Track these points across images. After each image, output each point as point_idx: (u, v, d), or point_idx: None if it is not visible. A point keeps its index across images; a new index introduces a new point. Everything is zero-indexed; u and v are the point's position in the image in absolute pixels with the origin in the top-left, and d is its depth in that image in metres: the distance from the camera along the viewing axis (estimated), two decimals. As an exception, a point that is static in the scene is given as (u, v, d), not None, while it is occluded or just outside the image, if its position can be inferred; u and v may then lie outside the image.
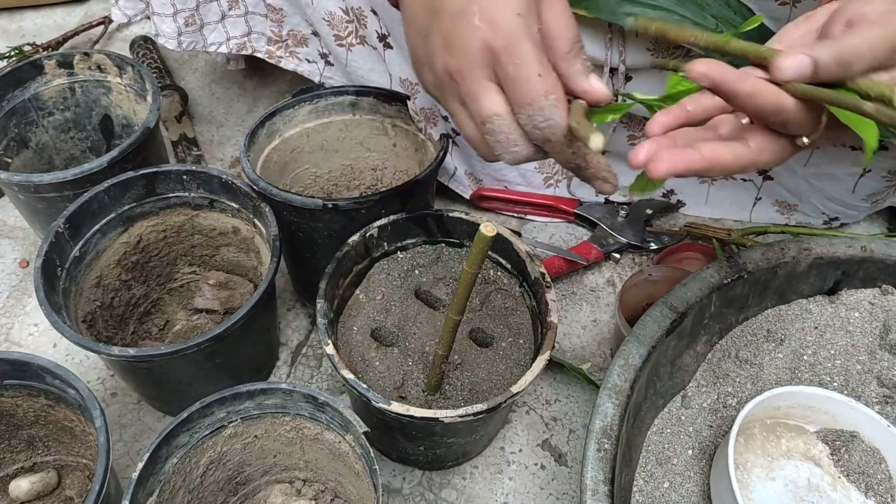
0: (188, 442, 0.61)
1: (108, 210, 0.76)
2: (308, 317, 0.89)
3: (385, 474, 0.76)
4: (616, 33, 0.78)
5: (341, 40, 0.89)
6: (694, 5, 0.72)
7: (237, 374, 0.74)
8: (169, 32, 0.93)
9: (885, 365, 0.67)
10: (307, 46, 0.95)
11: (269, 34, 0.94)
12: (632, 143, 0.92)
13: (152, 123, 0.82)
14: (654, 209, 0.97)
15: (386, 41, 0.84)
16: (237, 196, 0.78)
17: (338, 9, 0.86)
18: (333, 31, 0.88)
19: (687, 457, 0.64)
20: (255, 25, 0.94)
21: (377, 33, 0.84)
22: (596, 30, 0.78)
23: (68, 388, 0.62)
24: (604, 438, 0.57)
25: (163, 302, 0.86)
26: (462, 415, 0.59)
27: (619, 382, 0.59)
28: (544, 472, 0.76)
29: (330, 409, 0.61)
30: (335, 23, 0.88)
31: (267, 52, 0.97)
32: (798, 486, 0.63)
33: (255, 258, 0.82)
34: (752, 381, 0.68)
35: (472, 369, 0.70)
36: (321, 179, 0.91)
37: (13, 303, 0.90)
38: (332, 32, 0.89)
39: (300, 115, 0.84)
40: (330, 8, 0.86)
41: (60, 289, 0.71)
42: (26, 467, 0.73)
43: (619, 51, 0.79)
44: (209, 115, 1.14)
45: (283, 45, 0.96)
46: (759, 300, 0.69)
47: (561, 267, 0.90)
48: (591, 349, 0.86)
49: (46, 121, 0.94)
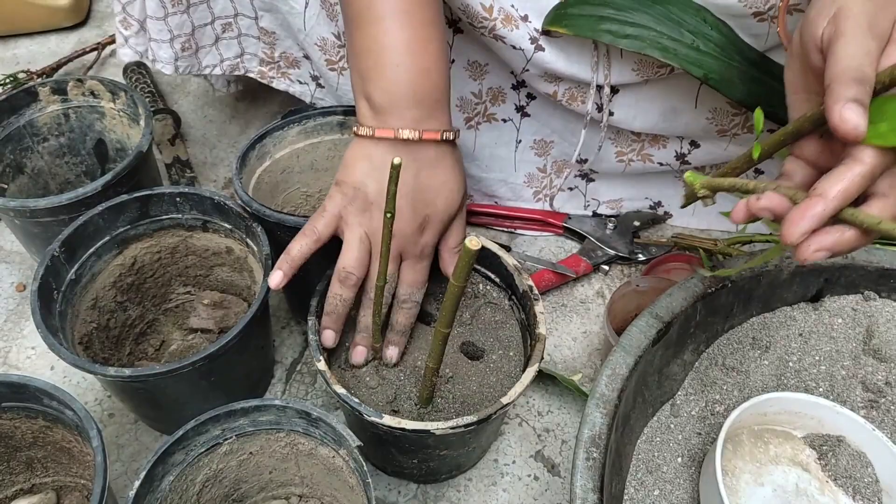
0: (184, 460, 0.62)
1: (103, 233, 0.77)
2: (302, 334, 0.90)
3: (380, 488, 0.77)
4: (601, 54, 0.80)
5: (333, 65, 0.91)
6: (671, 22, 0.74)
7: (233, 393, 0.75)
8: (166, 58, 0.95)
9: (870, 370, 0.68)
10: (299, 68, 0.96)
11: (261, 55, 0.96)
12: (620, 161, 0.93)
13: (145, 147, 0.83)
14: (641, 221, 0.98)
15: None
16: (230, 217, 0.79)
17: (331, 34, 0.88)
18: (326, 55, 0.90)
19: (677, 464, 0.65)
20: (247, 47, 0.96)
21: None
22: (581, 50, 0.80)
23: (65, 409, 0.62)
24: (592, 448, 0.58)
25: (158, 322, 0.87)
26: (453, 426, 0.60)
27: (606, 392, 0.60)
28: (538, 482, 0.77)
29: (323, 425, 0.62)
30: (327, 48, 0.89)
31: (259, 72, 0.99)
32: (786, 491, 0.64)
33: (249, 277, 0.84)
34: (739, 389, 0.69)
35: (464, 382, 0.71)
36: (312, 199, 0.92)
37: (10, 326, 0.91)
38: (324, 57, 0.91)
39: (290, 136, 0.85)
40: (323, 34, 0.88)
41: (57, 311, 0.72)
42: (25, 489, 0.73)
43: (605, 73, 0.81)
44: (202, 137, 1.15)
45: (276, 67, 0.97)
46: (744, 308, 0.70)
47: (551, 280, 0.92)
48: (582, 360, 0.87)
49: (41, 146, 0.95)
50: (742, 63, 0.76)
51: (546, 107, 0.90)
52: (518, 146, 0.95)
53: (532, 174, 0.98)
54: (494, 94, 0.90)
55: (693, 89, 0.84)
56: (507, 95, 0.90)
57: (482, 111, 0.92)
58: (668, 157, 0.93)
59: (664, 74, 0.81)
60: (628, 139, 0.92)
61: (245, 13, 0.92)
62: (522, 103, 0.91)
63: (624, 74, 0.82)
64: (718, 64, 0.75)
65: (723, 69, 0.75)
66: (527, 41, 0.78)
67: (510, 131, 0.94)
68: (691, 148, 0.91)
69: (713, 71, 0.75)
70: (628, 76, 0.82)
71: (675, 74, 0.81)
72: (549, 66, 0.80)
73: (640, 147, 0.92)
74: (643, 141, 0.92)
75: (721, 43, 0.75)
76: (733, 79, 0.76)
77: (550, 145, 0.95)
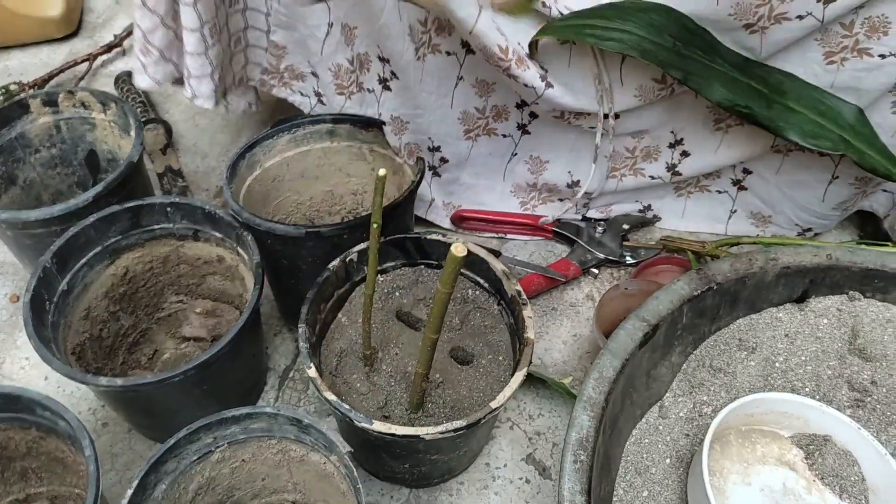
0: (176, 468, 0.62)
1: (95, 243, 0.78)
2: (294, 341, 0.91)
3: (373, 493, 0.77)
4: (605, 89, 0.83)
5: (342, 89, 0.92)
6: (653, 28, 0.75)
7: (226, 400, 0.75)
8: (207, 92, 0.89)
9: (855, 369, 0.69)
10: (303, 81, 0.96)
11: (265, 65, 0.95)
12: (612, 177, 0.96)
13: (136, 158, 0.84)
14: (630, 224, 0.99)
15: (386, 84, 0.87)
16: (220, 226, 0.79)
17: (345, 60, 0.89)
18: (337, 80, 0.91)
19: (665, 465, 0.66)
20: (252, 57, 0.95)
21: (378, 76, 0.87)
22: (586, 84, 0.83)
23: (59, 420, 0.63)
24: (580, 450, 0.58)
25: (151, 331, 0.88)
26: (443, 431, 0.61)
27: (593, 395, 0.61)
28: (529, 485, 0.78)
29: (314, 431, 0.62)
30: (341, 74, 0.90)
31: (260, 80, 0.97)
32: (774, 491, 0.65)
33: (241, 286, 0.84)
34: (726, 390, 0.69)
35: (454, 387, 0.71)
36: (303, 206, 0.93)
37: (4, 337, 0.91)
38: (334, 82, 0.91)
39: (279, 144, 0.86)
40: (338, 60, 0.89)
41: (49, 322, 0.73)
42: (20, 499, 0.73)
43: (609, 105, 0.83)
44: (194, 146, 1.16)
45: (278, 77, 0.96)
46: (731, 310, 0.71)
47: (541, 284, 0.92)
48: (573, 363, 0.88)
49: (33, 158, 0.95)
50: (722, 65, 0.77)
51: (547, 126, 0.92)
52: (512, 158, 0.97)
53: (520, 185, 1.00)
54: (498, 111, 0.91)
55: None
56: (510, 114, 0.92)
57: (483, 125, 0.93)
58: (659, 170, 0.94)
59: (665, 96, 0.83)
60: (622, 156, 0.93)
61: (256, 26, 0.91)
62: (524, 121, 0.93)
63: (626, 101, 0.84)
64: (699, 66, 0.76)
65: (703, 71, 0.76)
66: (538, 80, 0.81)
67: (508, 145, 0.95)
68: (682, 158, 0.92)
69: (693, 72, 0.76)
70: (631, 102, 0.84)
71: (676, 95, 0.83)
72: (557, 101, 0.83)
73: (633, 162, 0.94)
74: (636, 157, 0.93)
75: (702, 47, 0.76)
76: (713, 80, 0.77)
77: (545, 165, 0.96)
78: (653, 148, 0.93)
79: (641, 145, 0.92)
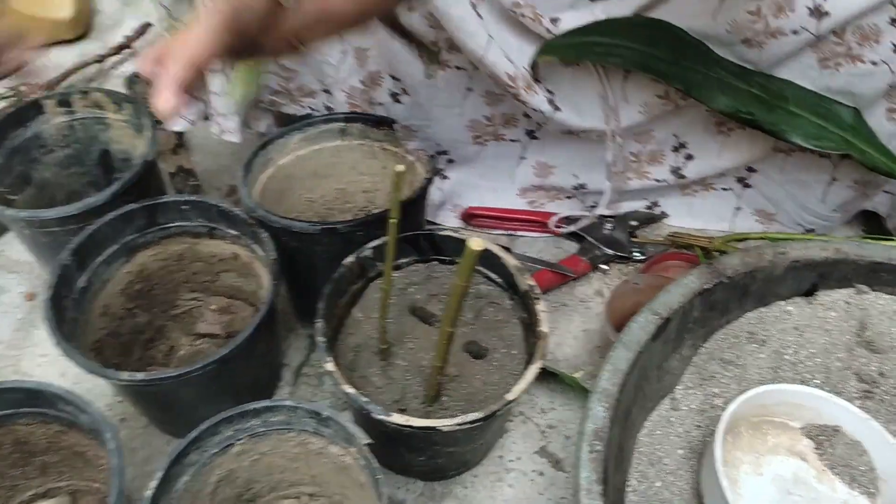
0: (198, 460, 0.63)
1: (112, 241, 0.79)
2: (308, 337, 0.92)
3: (388, 486, 0.78)
4: (611, 108, 0.85)
5: (355, 107, 0.93)
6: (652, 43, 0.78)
7: (241, 395, 0.76)
8: (233, 127, 0.92)
9: (863, 361, 0.70)
10: (314, 98, 0.96)
11: (275, 87, 0.95)
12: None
13: (151, 157, 0.85)
14: (639, 221, 1.00)
15: (397, 98, 0.89)
16: (235, 223, 0.80)
17: (358, 82, 0.90)
18: (351, 100, 0.92)
19: (677, 456, 0.67)
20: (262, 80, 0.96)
21: (389, 91, 0.89)
22: (592, 105, 0.85)
23: (81, 414, 0.64)
24: (596, 441, 0.59)
25: (167, 328, 0.89)
26: (459, 423, 0.62)
27: (608, 387, 0.62)
28: (542, 478, 0.79)
29: (333, 423, 0.63)
30: (355, 96, 0.91)
31: (270, 101, 0.97)
32: (785, 480, 0.65)
33: (255, 282, 0.85)
34: (737, 382, 0.70)
35: (469, 380, 0.72)
36: (315, 204, 0.94)
37: (22, 335, 0.92)
38: (348, 101, 0.92)
39: (292, 143, 0.87)
40: (353, 83, 0.90)
41: (69, 319, 0.74)
42: (40, 493, 0.75)
43: (616, 123, 0.86)
44: (204, 145, 1.16)
45: (288, 96, 0.96)
46: (740, 304, 0.72)
47: (551, 280, 0.93)
48: (584, 358, 0.89)
49: (48, 158, 0.96)
50: (722, 75, 0.79)
51: (555, 133, 0.93)
52: (521, 162, 0.98)
53: (527, 188, 1.01)
54: (507, 118, 0.93)
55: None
56: (518, 121, 0.93)
57: (493, 132, 0.94)
58: (664, 173, 0.95)
59: (669, 110, 0.84)
60: (627, 160, 0.94)
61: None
62: (532, 128, 0.94)
63: (632, 117, 0.86)
64: (700, 77, 0.78)
65: (704, 81, 0.78)
66: (546, 104, 0.83)
67: (516, 149, 0.97)
68: (686, 161, 0.93)
69: (694, 83, 0.78)
70: (636, 118, 0.86)
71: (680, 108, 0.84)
72: (566, 123, 0.85)
73: (638, 166, 0.95)
74: (641, 161, 0.94)
75: (701, 58, 0.79)
76: (714, 90, 0.79)
77: (551, 171, 0.98)
78: (657, 152, 0.94)
79: (647, 149, 0.94)
